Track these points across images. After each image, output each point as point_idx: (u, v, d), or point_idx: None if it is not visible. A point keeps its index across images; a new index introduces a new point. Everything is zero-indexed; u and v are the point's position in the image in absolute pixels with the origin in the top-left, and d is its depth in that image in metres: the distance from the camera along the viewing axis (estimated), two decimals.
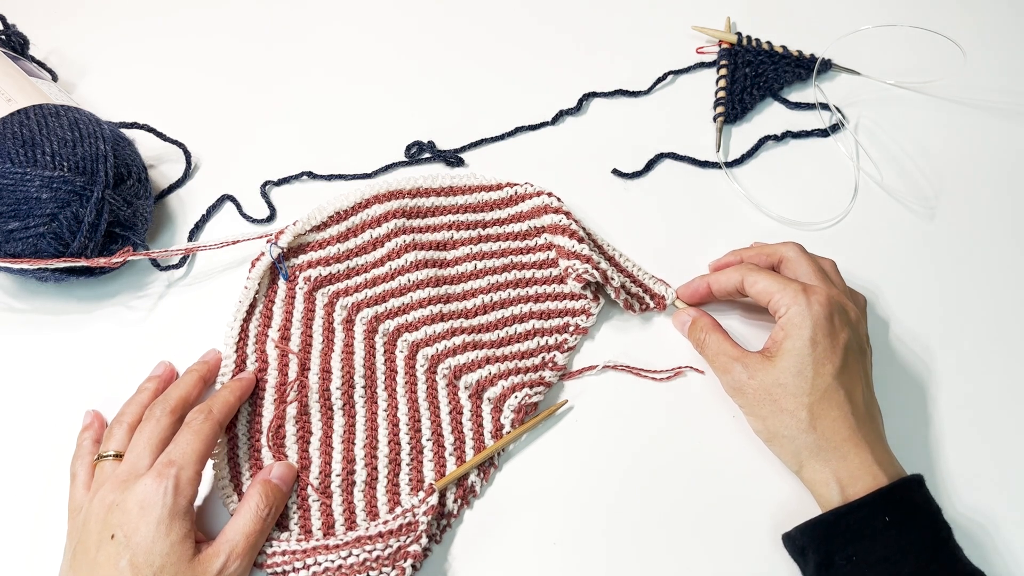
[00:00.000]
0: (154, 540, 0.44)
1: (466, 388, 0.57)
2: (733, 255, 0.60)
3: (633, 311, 0.60)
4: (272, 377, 0.56)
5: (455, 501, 0.53)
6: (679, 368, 0.58)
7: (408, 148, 0.70)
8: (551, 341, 0.59)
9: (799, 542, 0.49)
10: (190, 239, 0.64)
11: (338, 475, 0.53)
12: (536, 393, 0.57)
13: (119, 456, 0.49)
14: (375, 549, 0.49)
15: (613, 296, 0.59)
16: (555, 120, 0.72)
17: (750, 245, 0.61)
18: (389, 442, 0.55)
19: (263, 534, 0.49)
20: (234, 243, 0.60)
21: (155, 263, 0.62)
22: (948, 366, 0.60)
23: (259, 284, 0.59)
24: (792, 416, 0.51)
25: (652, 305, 0.60)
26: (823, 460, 0.50)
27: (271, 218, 0.66)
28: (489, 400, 0.56)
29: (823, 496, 0.50)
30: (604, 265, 0.59)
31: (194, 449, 0.48)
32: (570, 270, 0.59)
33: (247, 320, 0.58)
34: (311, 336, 0.58)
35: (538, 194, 0.63)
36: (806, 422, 0.50)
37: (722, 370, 0.55)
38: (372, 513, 0.52)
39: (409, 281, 0.59)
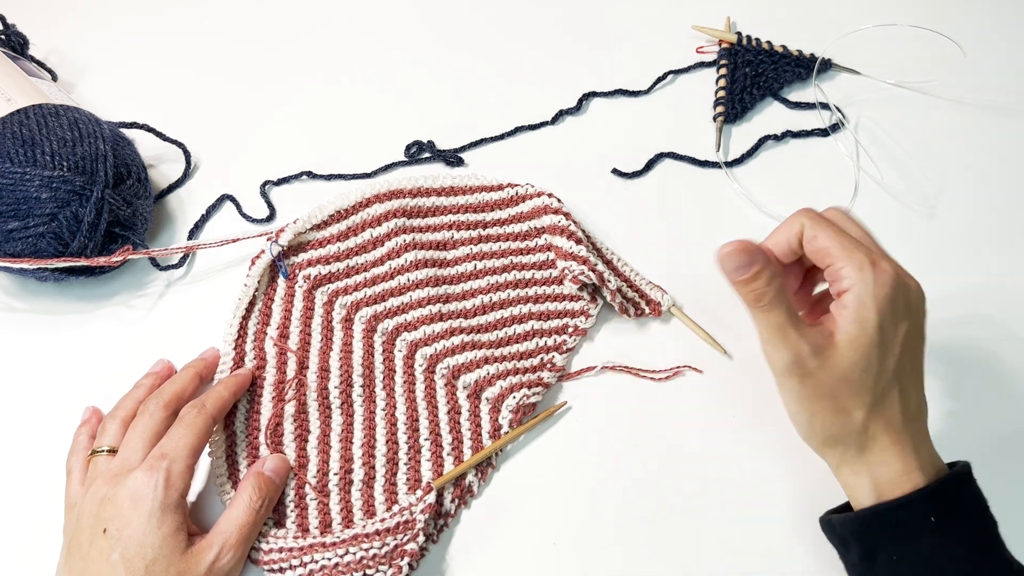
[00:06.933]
0: (145, 533, 0.44)
1: (464, 388, 0.57)
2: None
3: (628, 316, 0.59)
4: (270, 375, 0.56)
5: (453, 501, 0.53)
6: (678, 368, 0.58)
7: (408, 148, 0.70)
8: (550, 342, 0.59)
9: (840, 532, 0.46)
10: (190, 239, 0.64)
11: (335, 473, 0.53)
12: (534, 394, 0.56)
13: (113, 451, 0.49)
14: (372, 547, 0.49)
15: (609, 299, 0.58)
16: (555, 120, 0.72)
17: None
18: (387, 441, 0.55)
19: (256, 526, 0.49)
20: (234, 241, 0.60)
21: (155, 262, 0.62)
22: (948, 366, 0.59)
23: (259, 282, 0.59)
24: (848, 416, 0.44)
25: (648, 311, 0.60)
26: (864, 462, 0.45)
27: (271, 218, 0.66)
28: (487, 400, 0.56)
29: (857, 499, 0.46)
30: (601, 268, 0.59)
31: (186, 443, 0.48)
32: (567, 271, 0.59)
33: (246, 317, 0.58)
34: (310, 334, 0.58)
35: (538, 195, 0.63)
36: (860, 423, 0.44)
37: (782, 346, 0.43)
38: (369, 511, 0.52)
39: (409, 281, 0.59)
